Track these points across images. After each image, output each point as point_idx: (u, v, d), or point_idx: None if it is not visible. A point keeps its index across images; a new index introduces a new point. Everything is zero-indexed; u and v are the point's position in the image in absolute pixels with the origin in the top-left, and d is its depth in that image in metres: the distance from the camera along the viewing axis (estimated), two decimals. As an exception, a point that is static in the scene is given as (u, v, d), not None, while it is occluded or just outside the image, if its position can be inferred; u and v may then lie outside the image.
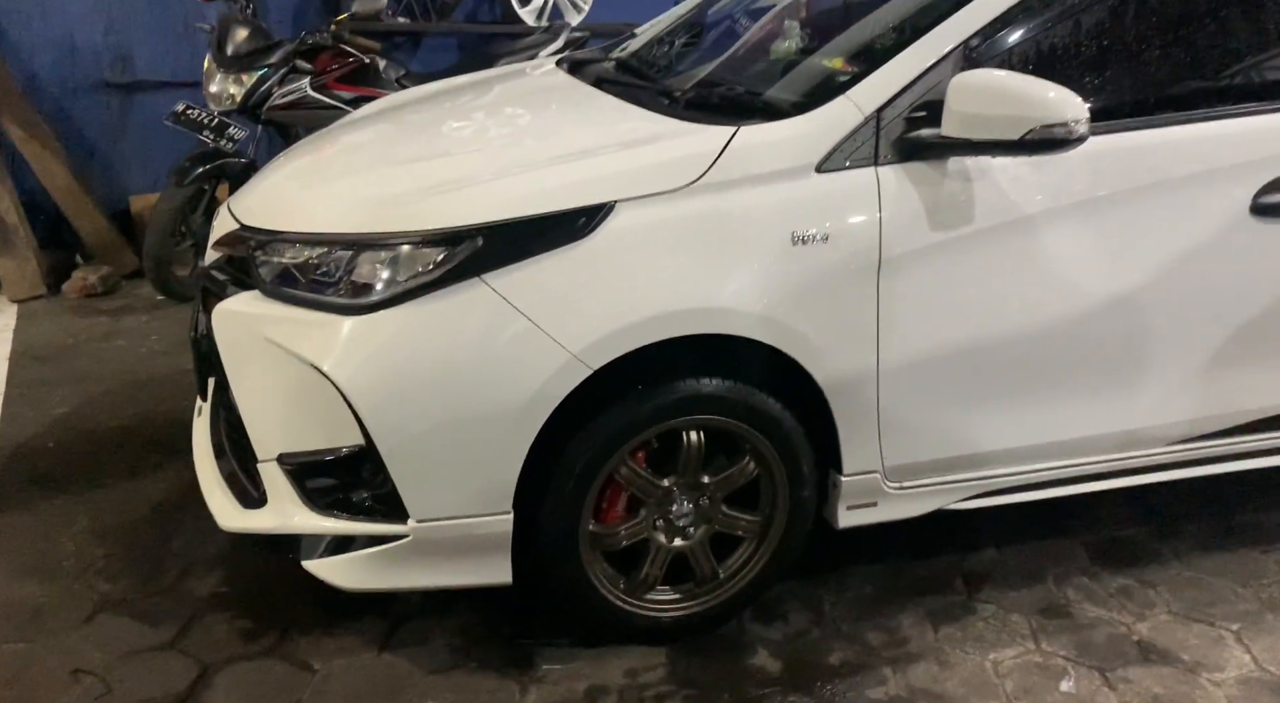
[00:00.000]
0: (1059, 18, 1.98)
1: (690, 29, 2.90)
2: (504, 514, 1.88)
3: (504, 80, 2.86)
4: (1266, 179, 2.04)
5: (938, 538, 2.44)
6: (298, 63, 3.97)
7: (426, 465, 1.83)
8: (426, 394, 1.78)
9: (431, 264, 1.78)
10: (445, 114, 2.52)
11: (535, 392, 1.79)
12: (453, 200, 1.84)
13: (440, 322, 1.78)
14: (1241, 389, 2.23)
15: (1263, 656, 2.10)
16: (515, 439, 1.82)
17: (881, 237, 1.88)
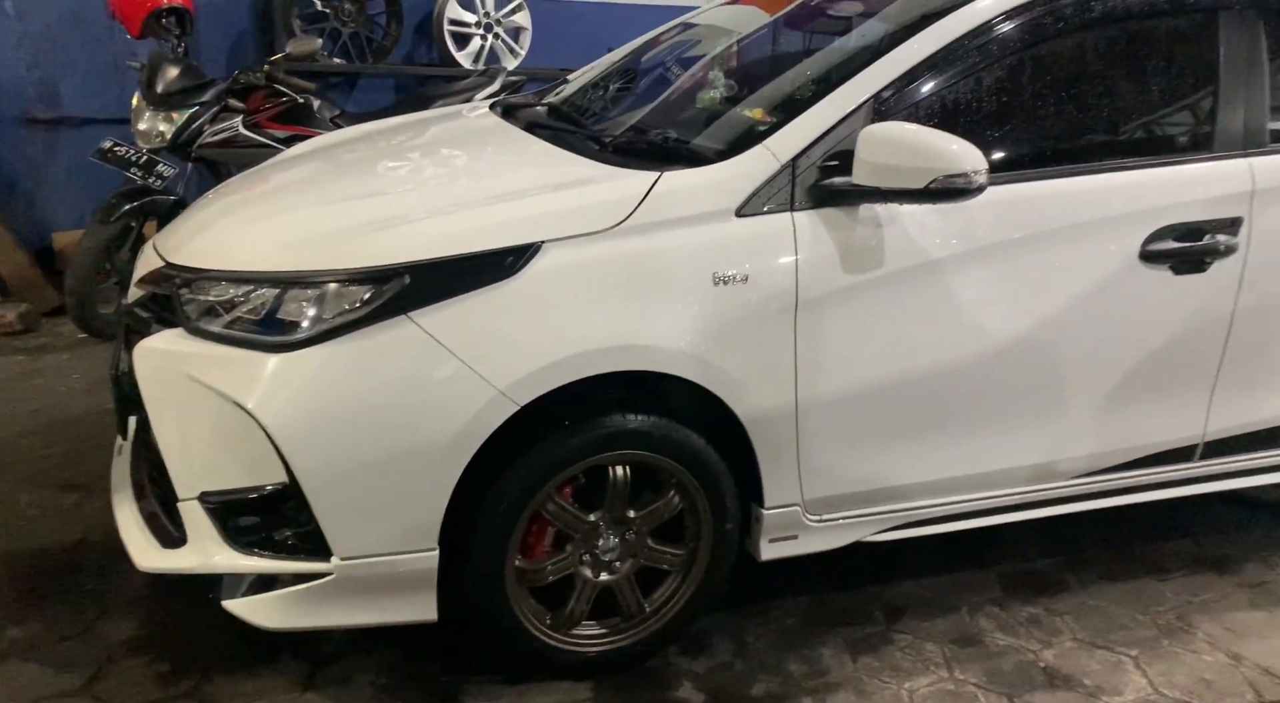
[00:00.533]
0: (961, 75, 2.11)
1: (621, 76, 2.99)
2: (429, 551, 1.89)
3: (437, 122, 2.91)
4: (1154, 228, 2.18)
5: (858, 570, 2.51)
6: (230, 101, 3.97)
7: (351, 503, 1.83)
8: (351, 431, 1.80)
9: (358, 302, 1.81)
10: (377, 154, 2.56)
11: (462, 428, 1.82)
12: (380, 239, 1.87)
13: (366, 359, 1.80)
14: (1135, 426, 2.36)
15: (1158, 679, 2.20)
16: (441, 476, 1.85)
17: (798, 278, 1.96)
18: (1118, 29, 2.25)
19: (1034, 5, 2.16)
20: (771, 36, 2.93)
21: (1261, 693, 2.17)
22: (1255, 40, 2.29)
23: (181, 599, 2.29)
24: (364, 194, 2.17)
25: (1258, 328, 2.35)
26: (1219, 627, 2.39)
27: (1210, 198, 2.22)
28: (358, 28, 4.98)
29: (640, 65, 3.07)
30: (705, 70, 2.77)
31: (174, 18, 4.08)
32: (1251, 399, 2.44)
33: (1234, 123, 2.27)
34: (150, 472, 2.10)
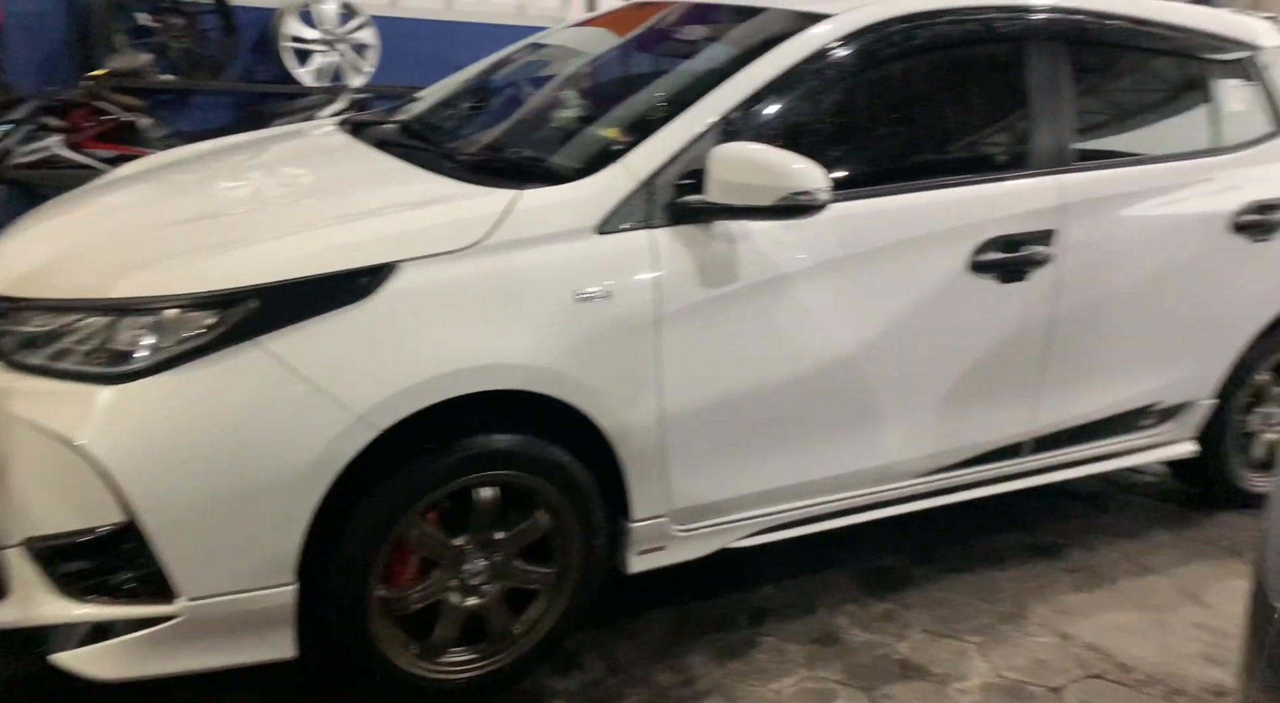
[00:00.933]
0: (802, 97, 2.22)
1: (472, 95, 2.98)
2: (286, 585, 1.81)
3: (279, 141, 2.81)
4: (980, 240, 2.35)
5: (723, 577, 2.57)
6: (47, 120, 3.69)
7: (199, 540, 1.74)
8: (198, 465, 1.71)
9: (202, 328, 1.72)
10: (215, 174, 2.44)
11: (318, 456, 1.76)
12: (224, 262, 1.79)
13: (212, 388, 1.72)
14: (971, 425, 2.52)
15: (999, 664, 2.35)
16: (297, 506, 1.77)
17: (659, 294, 2.00)
18: (941, 56, 2.43)
19: (865, 32, 2.30)
20: (621, 58, 2.99)
21: (1088, 668, 2.35)
22: (1059, 68, 2.51)
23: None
24: (202, 215, 2.06)
25: (1074, 330, 2.56)
26: (1050, 610, 2.58)
27: (1026, 212, 2.41)
28: (189, 43, 4.74)
29: (491, 84, 3.07)
30: (559, 90, 2.80)
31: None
32: (1071, 397, 2.66)
33: (1044, 143, 2.48)
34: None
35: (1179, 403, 2.90)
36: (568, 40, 3.20)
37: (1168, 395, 2.85)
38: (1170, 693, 2.28)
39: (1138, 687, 2.29)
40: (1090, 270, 2.53)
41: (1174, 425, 2.93)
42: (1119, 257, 2.59)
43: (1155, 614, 2.59)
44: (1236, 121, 2.86)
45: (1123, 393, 2.75)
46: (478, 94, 3.01)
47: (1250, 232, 2.79)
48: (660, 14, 2.95)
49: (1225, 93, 2.87)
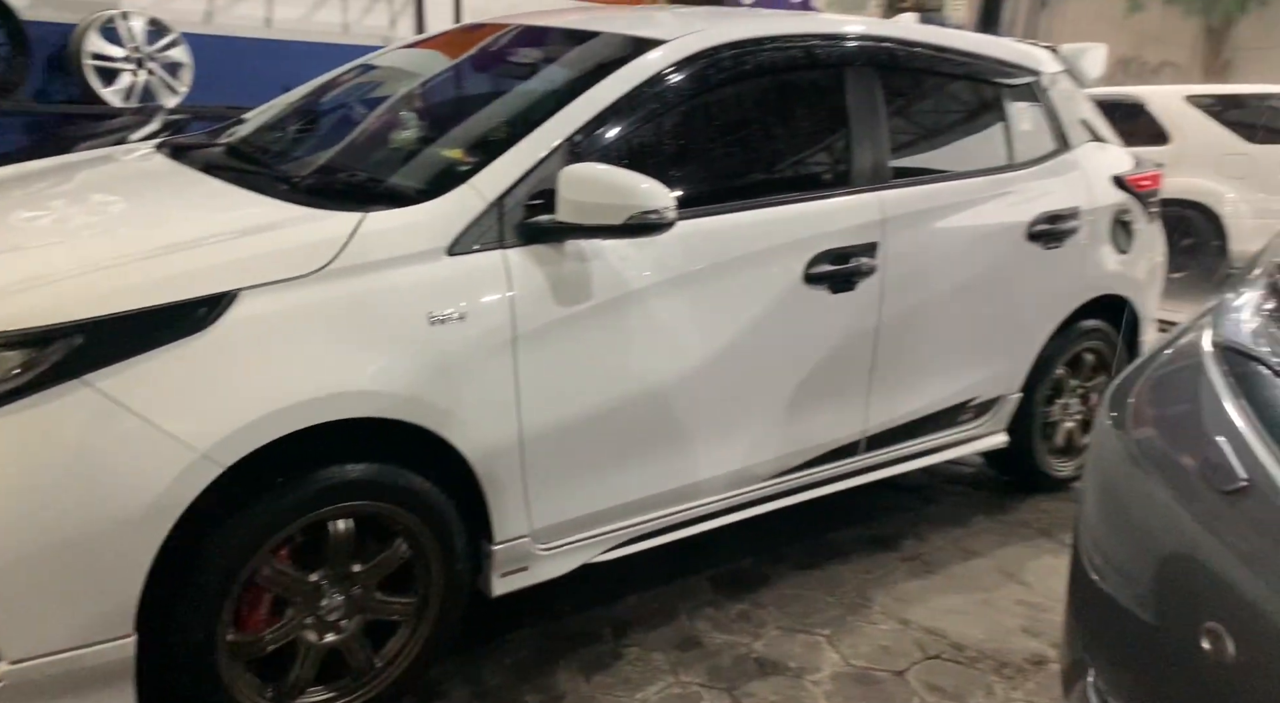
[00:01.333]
0: (643, 120, 2.29)
1: (304, 115, 2.89)
2: (124, 638, 1.70)
3: (88, 166, 2.63)
4: (813, 254, 2.50)
5: (585, 592, 2.59)
6: None
7: (23, 597, 1.60)
8: (19, 516, 1.58)
9: (16, 369, 1.59)
10: (14, 204, 2.25)
11: (157, 498, 1.66)
12: (38, 297, 1.66)
13: (33, 432, 1.59)
14: (812, 427, 2.67)
15: (848, 653, 2.49)
16: (135, 553, 1.67)
17: (514, 313, 2.01)
18: (769, 80, 2.56)
19: (698, 58, 2.41)
20: (459, 79, 2.98)
21: (926, 650, 2.53)
22: (874, 92, 2.70)
23: None
24: (5, 249, 1.90)
25: (897, 335, 2.75)
26: (890, 598, 2.75)
27: (852, 226, 2.58)
28: (-27, 59, 4.35)
29: (323, 105, 2.99)
30: (396, 111, 2.76)
31: None
32: (898, 396, 2.85)
33: (864, 162, 2.66)
34: None
35: (992, 398, 3.16)
36: (400, 61, 3.16)
37: (982, 391, 3.11)
38: (999, 667, 2.48)
39: (970, 663, 2.48)
40: (909, 279, 2.73)
41: (988, 419, 3.20)
42: (934, 265, 2.81)
43: (982, 595, 2.81)
44: (1027, 140, 3.17)
45: (944, 390, 2.98)
46: (309, 115, 2.92)
47: (1043, 240, 3.09)
48: (494, 36, 2.97)
49: (1016, 114, 3.17)
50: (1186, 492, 0.98)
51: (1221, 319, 1.11)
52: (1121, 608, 1.08)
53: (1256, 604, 0.88)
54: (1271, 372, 0.98)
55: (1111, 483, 1.16)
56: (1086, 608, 1.21)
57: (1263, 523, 0.89)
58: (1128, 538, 1.07)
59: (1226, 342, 1.06)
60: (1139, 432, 1.11)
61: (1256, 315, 1.06)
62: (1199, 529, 0.93)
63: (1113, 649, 1.11)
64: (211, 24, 5.26)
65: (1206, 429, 0.97)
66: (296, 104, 2.96)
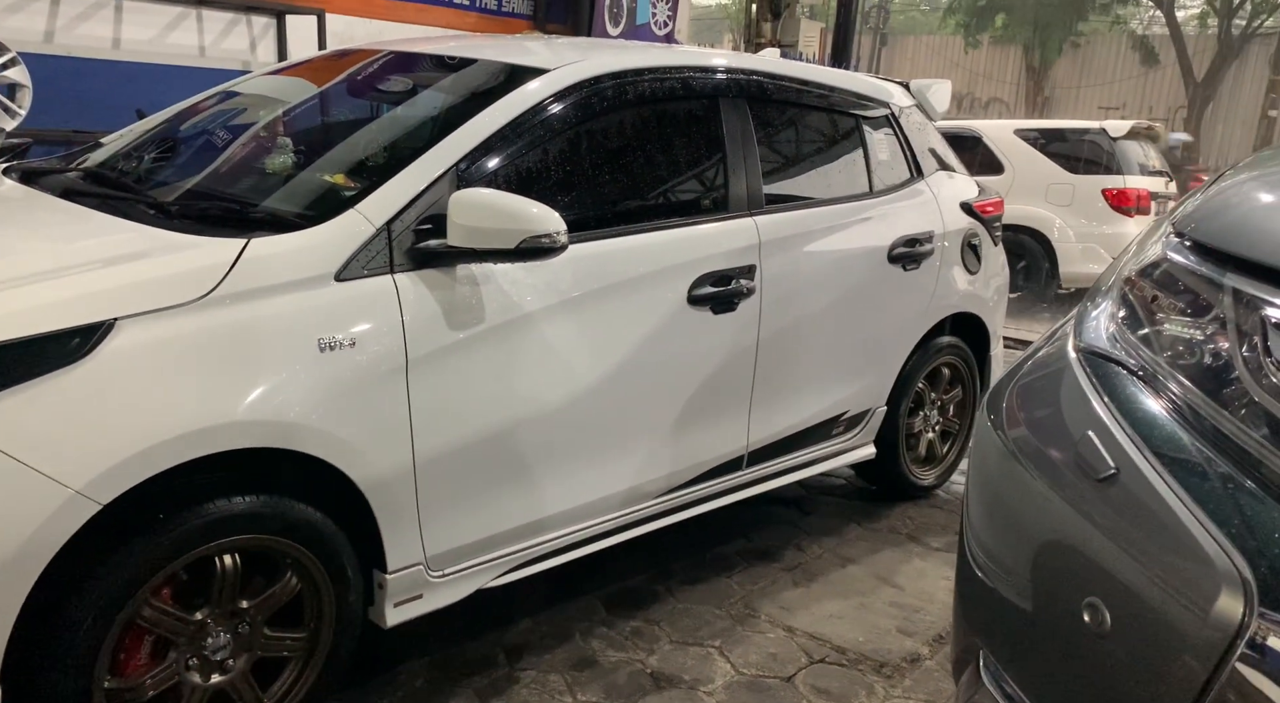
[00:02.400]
0: (529, 146, 2.33)
1: (169, 140, 2.78)
2: (-10, 692, 1.58)
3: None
4: (696, 276, 2.59)
5: (478, 619, 2.57)
6: None
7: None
8: None
9: None
10: None
11: (27, 540, 1.56)
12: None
13: (-115, 473, 1.47)
14: (698, 444, 2.75)
15: (738, 662, 2.56)
16: (3, 598, 1.56)
17: (406, 339, 2.00)
18: (649, 110, 2.65)
19: (580, 87, 2.47)
20: (332, 104, 2.94)
21: (811, 656, 2.63)
22: (746, 122, 2.84)
23: None
24: None
25: (775, 353, 2.88)
26: (775, 607, 2.86)
27: (731, 249, 2.69)
28: None
29: (187, 130, 2.88)
30: (270, 135, 2.69)
31: None
32: (777, 412, 2.98)
33: (740, 188, 2.78)
34: None
35: (860, 411, 3.34)
36: (266, 88, 3.09)
37: (852, 405, 3.28)
38: (879, 667, 2.61)
39: (853, 665, 2.60)
40: (785, 299, 2.86)
41: (858, 432, 3.37)
42: (807, 286, 2.95)
43: (859, 600, 2.95)
44: (885, 168, 3.39)
45: (818, 405, 3.13)
46: (173, 140, 2.81)
47: (902, 262, 3.30)
48: (366, 62, 2.94)
49: (874, 144, 3.38)
50: (1061, 482, 1.09)
51: (1082, 327, 1.24)
52: (1007, 592, 1.19)
53: (1127, 579, 0.99)
54: (1129, 372, 1.10)
55: (992, 479, 1.27)
56: (973, 596, 1.31)
57: (1129, 506, 1.01)
58: (1009, 527, 1.18)
59: (1088, 347, 1.19)
60: (1015, 431, 1.22)
61: (1111, 322, 1.20)
62: (1074, 514, 1.04)
63: (1002, 631, 1.22)
64: (53, 44, 4.96)
65: (1076, 425, 1.09)
66: (159, 128, 2.84)
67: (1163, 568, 0.96)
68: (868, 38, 30.26)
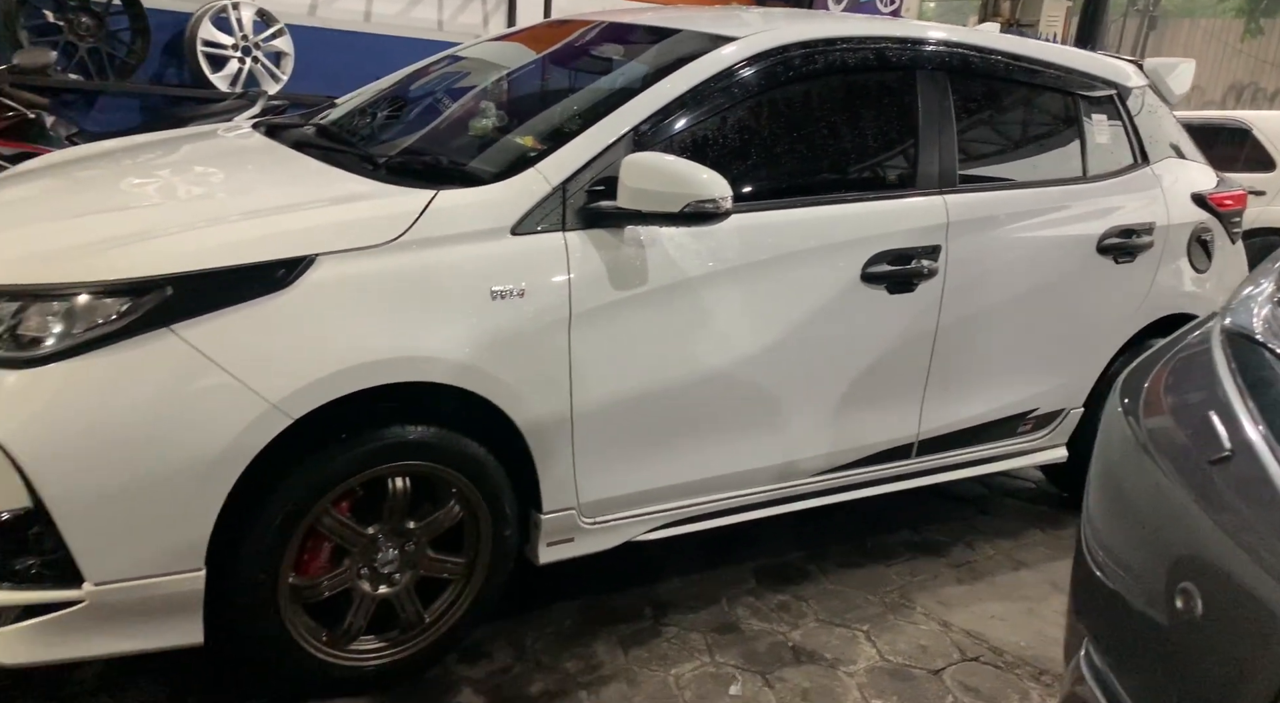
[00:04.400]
0: (708, 114, 2.36)
1: (390, 103, 3.04)
2: (195, 571, 1.83)
3: (191, 140, 2.82)
4: (871, 253, 2.52)
5: (627, 571, 2.67)
6: (-56, 111, 3.60)
7: (107, 526, 1.75)
8: (108, 450, 1.72)
9: (114, 314, 1.74)
10: (123, 170, 2.44)
11: (230, 443, 1.79)
12: (138, 251, 1.81)
13: (124, 374, 1.73)
14: (863, 426, 2.69)
15: (885, 649, 2.50)
16: (209, 493, 1.80)
17: (571, 293, 2.10)
18: (838, 80, 2.60)
19: (768, 55, 2.46)
20: (538, 72, 3.09)
21: (965, 653, 2.53)
22: (945, 97, 2.72)
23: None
24: (113, 207, 2.07)
25: (955, 341, 2.76)
26: (933, 601, 2.76)
27: (915, 228, 2.60)
28: (97, 43, 4.65)
29: (409, 93, 3.13)
30: (476, 100, 2.88)
31: None
32: (952, 403, 2.85)
33: (931, 165, 2.68)
34: None
35: (1053, 410, 3.13)
36: (486, 53, 3.29)
37: (1043, 403, 3.08)
38: (1038, 674, 2.46)
39: (1009, 668, 2.47)
40: (972, 284, 2.73)
41: (1048, 432, 3.17)
42: (998, 273, 2.80)
43: (1027, 604, 2.79)
44: (1103, 153, 3.13)
45: (1002, 399, 2.97)
46: (395, 101, 3.07)
47: (1114, 254, 3.05)
48: (578, 32, 3.07)
49: (1093, 126, 3.13)
50: (1176, 462, 1.00)
51: (1234, 310, 1.12)
52: (1108, 574, 1.11)
53: (1225, 563, 0.90)
54: (1272, 355, 0.99)
55: (1113, 461, 1.18)
56: (1083, 583, 1.23)
57: (1239, 488, 0.91)
58: (1121, 507, 1.09)
59: (1235, 329, 1.07)
60: (1146, 417, 1.12)
61: (1267, 303, 1.07)
62: (1184, 495, 0.95)
63: (1100, 615, 1.14)
64: (314, 16, 5.52)
65: (1200, 406, 0.99)
66: (385, 91, 3.11)
67: (1267, 552, 0.86)
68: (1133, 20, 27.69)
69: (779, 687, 2.29)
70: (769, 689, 2.28)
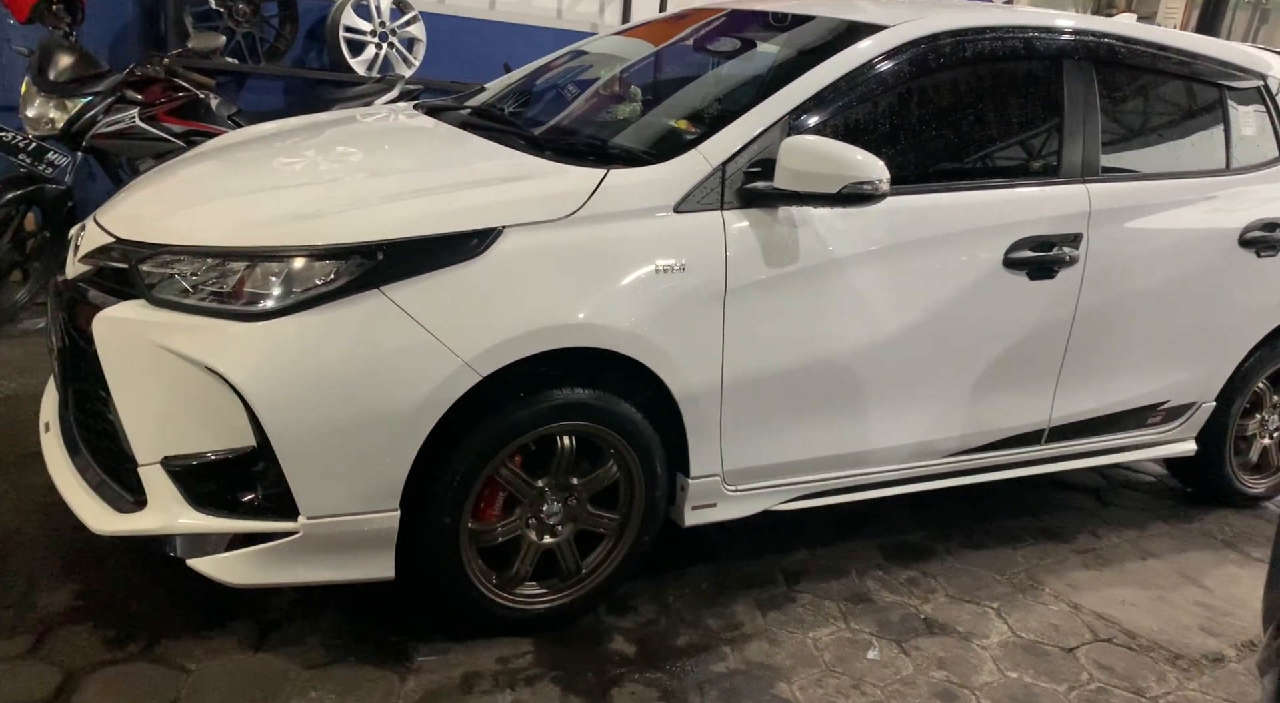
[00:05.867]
0: (858, 100, 2.44)
1: (530, 90, 3.21)
2: (392, 511, 2.01)
3: (364, 119, 3.02)
4: (1014, 239, 2.58)
5: (759, 540, 2.78)
6: (126, 93, 3.90)
7: (320, 465, 1.94)
8: (323, 397, 1.91)
9: (331, 275, 1.93)
10: (321, 146, 2.65)
11: (428, 395, 1.96)
12: (354, 218, 2.00)
13: (339, 329, 1.92)
14: (998, 410, 2.74)
15: (1016, 625, 2.56)
16: (407, 440, 1.98)
17: (727, 270, 2.22)
18: (985, 68, 2.65)
19: (916, 43, 2.53)
20: (674, 59, 3.21)
21: (1097, 634, 2.57)
22: (1090, 86, 2.74)
23: (113, 570, 2.29)
24: (320, 180, 2.27)
25: (1092, 329, 2.78)
26: (1061, 584, 2.80)
27: (1058, 216, 2.64)
28: (251, 28, 4.96)
29: (548, 81, 3.29)
30: (622, 86, 3.03)
31: (64, 5, 3.97)
32: (1088, 390, 2.88)
33: (1075, 154, 2.71)
34: (96, 441, 2.12)
35: (1184, 403, 3.12)
36: (609, 47, 3.42)
37: (1175, 396, 3.08)
38: (1173, 658, 2.49)
39: (1143, 651, 2.51)
40: (1112, 273, 2.75)
41: (1178, 425, 3.16)
42: (1138, 263, 2.81)
43: (1157, 592, 2.81)
44: (1248, 145, 3.10)
45: (1134, 390, 2.98)
46: (538, 89, 3.23)
47: (1257, 247, 3.03)
48: (705, 20, 3.17)
49: (1238, 118, 3.10)
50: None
51: None
52: None
53: None
54: None
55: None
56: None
57: None
58: None
59: None
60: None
61: None
62: None
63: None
64: (444, 4, 5.75)
65: None
66: (525, 79, 3.28)
67: None
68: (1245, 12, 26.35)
69: (915, 654, 2.38)
70: (905, 657, 2.37)
